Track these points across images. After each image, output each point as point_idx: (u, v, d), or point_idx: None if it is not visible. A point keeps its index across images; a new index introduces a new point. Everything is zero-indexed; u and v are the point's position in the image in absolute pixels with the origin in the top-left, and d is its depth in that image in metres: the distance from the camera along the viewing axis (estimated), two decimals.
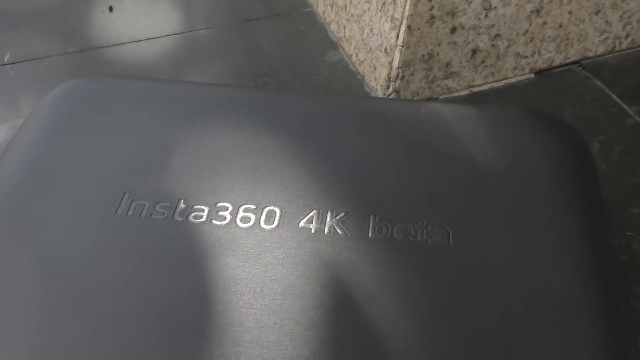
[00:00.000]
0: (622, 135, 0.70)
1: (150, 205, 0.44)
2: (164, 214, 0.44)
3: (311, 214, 0.44)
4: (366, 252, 0.41)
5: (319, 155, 0.48)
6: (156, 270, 0.40)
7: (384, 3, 0.70)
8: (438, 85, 0.75)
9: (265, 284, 0.39)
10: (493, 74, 0.76)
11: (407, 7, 0.66)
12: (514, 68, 0.77)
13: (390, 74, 0.72)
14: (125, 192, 0.45)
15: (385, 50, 0.72)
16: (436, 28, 0.69)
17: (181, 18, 0.86)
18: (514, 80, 0.77)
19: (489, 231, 0.42)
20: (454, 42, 0.71)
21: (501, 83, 0.77)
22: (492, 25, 0.71)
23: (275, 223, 0.43)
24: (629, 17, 0.78)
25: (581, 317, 0.38)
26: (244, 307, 0.38)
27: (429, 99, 0.75)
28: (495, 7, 0.70)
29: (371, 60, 0.76)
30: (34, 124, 0.50)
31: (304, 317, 0.38)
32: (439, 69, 0.73)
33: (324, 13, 0.87)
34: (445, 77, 0.74)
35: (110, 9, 0.86)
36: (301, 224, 0.43)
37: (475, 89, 0.76)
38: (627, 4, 0.76)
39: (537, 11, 0.72)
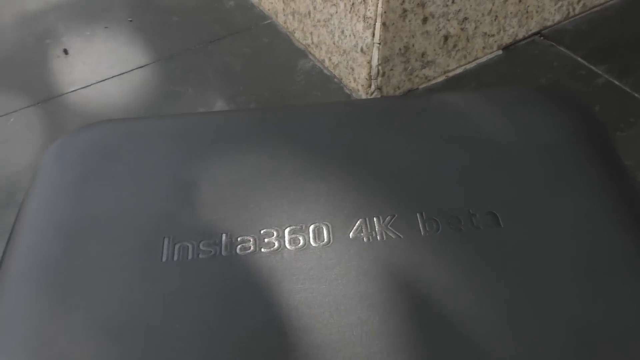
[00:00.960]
0: (598, 94, 0.73)
1: (195, 246, 0.43)
2: (210, 252, 0.43)
3: (358, 223, 0.44)
4: (424, 251, 0.42)
5: (346, 163, 0.48)
6: (223, 311, 0.39)
7: (352, 4, 0.71)
8: (417, 76, 0.76)
9: (338, 301, 0.39)
10: (465, 57, 0.78)
11: (380, 5, 0.67)
12: (483, 47, 0.79)
13: (370, 72, 0.73)
14: (164, 237, 0.44)
15: (362, 49, 0.72)
16: (409, 21, 0.70)
17: (142, 49, 0.84)
18: (484, 59, 0.80)
19: (534, 208, 0.43)
20: (427, 32, 0.73)
21: (473, 64, 0.79)
22: (460, 10, 0.73)
23: (326, 239, 0.43)
24: None
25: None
26: (324, 328, 0.38)
27: (410, 91, 0.77)
28: None
29: (347, 62, 0.76)
30: (46, 183, 0.48)
31: (385, 327, 0.38)
32: (416, 60, 0.74)
33: (285, 23, 0.87)
34: (423, 67, 0.76)
35: (65, 52, 0.83)
36: (351, 234, 0.43)
37: (450, 74, 0.78)
38: None
39: None
